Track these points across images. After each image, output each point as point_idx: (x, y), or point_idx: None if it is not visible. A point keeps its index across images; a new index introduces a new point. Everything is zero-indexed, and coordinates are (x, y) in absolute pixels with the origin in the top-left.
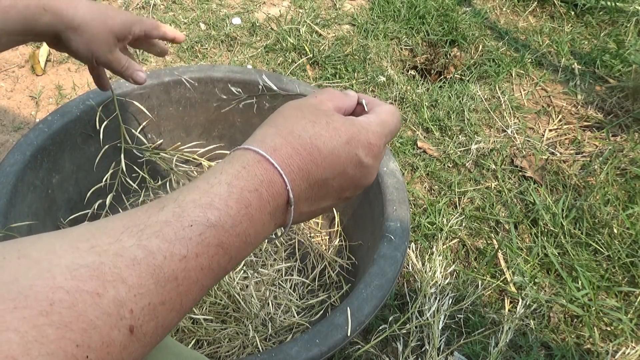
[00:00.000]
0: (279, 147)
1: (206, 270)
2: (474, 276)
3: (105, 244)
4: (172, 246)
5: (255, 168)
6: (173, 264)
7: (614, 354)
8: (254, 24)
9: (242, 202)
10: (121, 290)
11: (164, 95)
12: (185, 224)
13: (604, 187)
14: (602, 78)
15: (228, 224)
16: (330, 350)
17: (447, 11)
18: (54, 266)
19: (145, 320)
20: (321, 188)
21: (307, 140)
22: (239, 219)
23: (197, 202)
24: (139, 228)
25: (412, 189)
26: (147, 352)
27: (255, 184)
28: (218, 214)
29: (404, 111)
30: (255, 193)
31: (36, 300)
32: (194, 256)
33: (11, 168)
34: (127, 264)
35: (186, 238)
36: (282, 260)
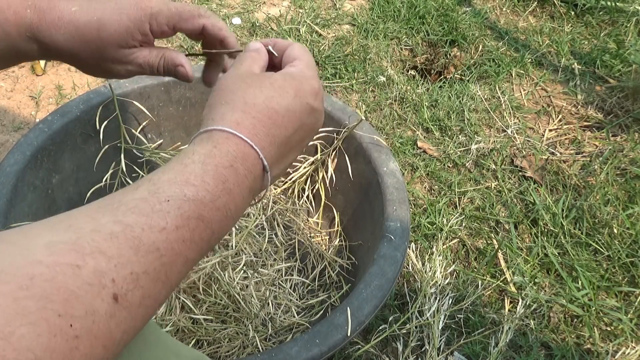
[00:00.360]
0: (241, 121)
1: (188, 242)
2: (474, 276)
3: (81, 222)
4: (150, 219)
5: (226, 145)
6: (152, 235)
7: (614, 354)
8: (254, 24)
9: (218, 178)
10: (100, 261)
11: (164, 95)
12: (161, 199)
13: (604, 187)
14: (602, 78)
15: (207, 198)
16: (330, 350)
17: (447, 11)
18: (33, 245)
19: (129, 289)
20: (286, 145)
21: (263, 105)
22: (217, 193)
23: (173, 181)
24: (114, 206)
25: (412, 189)
26: (138, 326)
27: (230, 159)
28: (195, 189)
29: (404, 111)
30: (230, 169)
31: (15, 276)
32: (173, 228)
33: (11, 168)
34: (104, 237)
35: (164, 211)
36: (282, 260)
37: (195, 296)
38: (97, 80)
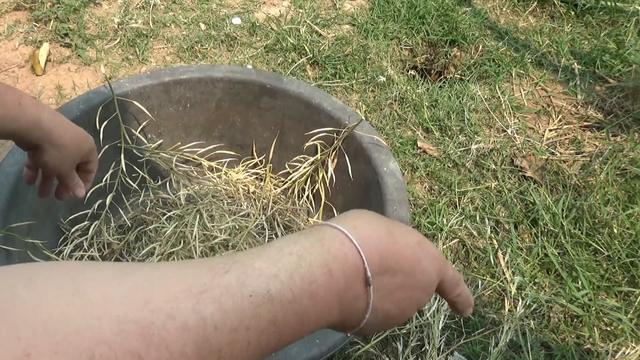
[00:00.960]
0: (359, 226)
1: (253, 345)
2: (474, 276)
3: (160, 300)
4: (226, 318)
5: (330, 242)
6: (221, 336)
7: (614, 354)
8: (254, 24)
9: (307, 278)
10: (162, 357)
11: (164, 95)
12: (245, 292)
13: (604, 187)
14: (602, 78)
15: (287, 298)
16: (330, 350)
17: (447, 11)
18: (105, 314)
19: None
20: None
21: (385, 226)
22: (301, 294)
23: (263, 271)
24: (199, 290)
25: (412, 189)
26: None
27: (327, 258)
28: (281, 286)
29: (404, 111)
30: (324, 268)
31: (78, 350)
32: (244, 329)
33: (11, 168)
34: (177, 327)
35: (242, 310)
36: None
37: None
38: (97, 80)
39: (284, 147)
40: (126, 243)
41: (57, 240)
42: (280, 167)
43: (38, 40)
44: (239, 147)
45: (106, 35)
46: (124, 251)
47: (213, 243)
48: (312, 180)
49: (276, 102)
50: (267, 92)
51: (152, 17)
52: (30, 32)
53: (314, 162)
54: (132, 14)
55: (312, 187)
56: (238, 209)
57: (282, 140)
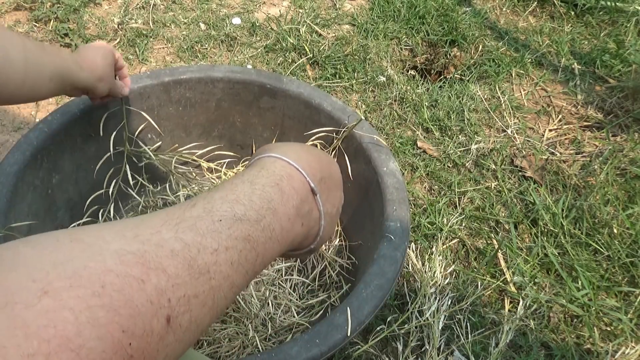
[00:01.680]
0: (287, 153)
1: (236, 265)
2: (474, 276)
3: (147, 234)
4: (204, 239)
5: (272, 166)
6: (206, 257)
7: (614, 354)
8: (254, 24)
9: (264, 197)
10: (162, 279)
11: (164, 95)
12: (215, 218)
13: (604, 187)
14: (602, 78)
15: (253, 217)
16: (330, 350)
17: (447, 11)
18: (104, 250)
19: (181, 312)
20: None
21: (302, 146)
22: (262, 212)
23: (225, 199)
24: (175, 222)
25: (412, 189)
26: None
27: (275, 179)
28: (244, 208)
29: (404, 111)
30: (276, 187)
31: (90, 281)
32: (223, 249)
33: (11, 168)
34: (167, 254)
35: (217, 232)
36: (282, 260)
37: None
38: None
39: None
40: None
41: None
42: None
43: (38, 40)
44: (239, 147)
45: (106, 35)
46: None
47: None
48: None
49: (276, 102)
50: (267, 92)
51: (152, 17)
52: (30, 32)
53: None
54: (132, 14)
55: None
56: None
57: (282, 140)
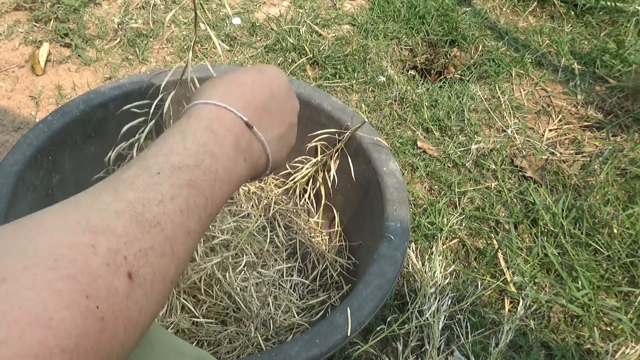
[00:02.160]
0: (213, 95)
1: (186, 212)
2: (474, 276)
3: (88, 204)
4: (146, 194)
5: (199, 113)
6: (152, 210)
7: (614, 354)
8: (254, 24)
9: (198, 142)
10: (112, 240)
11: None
12: (152, 172)
13: (604, 187)
14: (602, 78)
15: (192, 163)
16: (330, 350)
17: (447, 11)
18: (49, 228)
19: (141, 266)
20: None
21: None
22: (200, 157)
23: (158, 153)
24: (114, 185)
25: (412, 189)
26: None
27: (205, 123)
28: (180, 157)
29: (404, 111)
30: (207, 131)
31: (42, 258)
32: (169, 199)
33: (11, 168)
34: (111, 216)
35: (157, 184)
36: (283, 260)
37: (196, 297)
38: (97, 80)
39: None
40: None
41: None
42: (280, 167)
43: (38, 40)
44: None
45: (106, 35)
46: None
47: (213, 243)
48: (314, 180)
49: None
50: None
51: (152, 17)
52: (30, 32)
53: (316, 163)
54: (132, 14)
55: (313, 187)
56: (239, 209)
57: None
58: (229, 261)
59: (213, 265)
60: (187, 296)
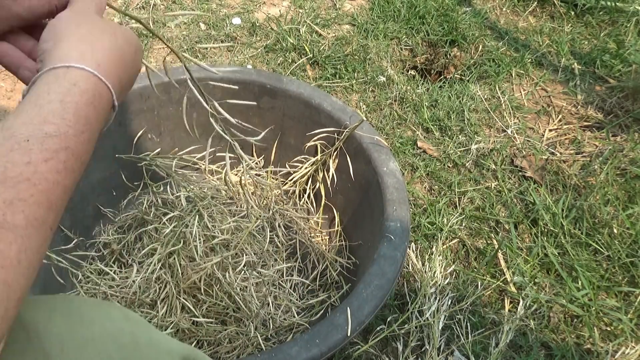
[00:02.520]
0: (101, 62)
1: (63, 172)
2: (474, 276)
3: None
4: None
5: (85, 84)
6: (18, 169)
7: (614, 354)
8: (254, 24)
9: (80, 115)
10: None
11: (164, 95)
12: (20, 140)
13: (604, 187)
14: (602, 78)
15: (70, 133)
16: (330, 350)
17: (447, 11)
18: None
19: (9, 213)
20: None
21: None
22: (80, 128)
23: (29, 122)
24: None
25: (412, 189)
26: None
27: (89, 98)
28: (56, 127)
29: (404, 111)
30: (90, 106)
31: None
32: (42, 161)
33: None
34: None
35: (25, 149)
36: (283, 260)
37: (196, 297)
38: None
39: (284, 147)
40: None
41: (57, 240)
42: (280, 168)
43: None
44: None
45: None
46: (124, 251)
47: (213, 243)
48: (313, 180)
49: (276, 102)
50: (267, 92)
51: (152, 17)
52: None
53: (315, 163)
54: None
55: (313, 187)
56: (238, 209)
57: (282, 140)
58: (229, 261)
59: (213, 265)
60: (187, 296)
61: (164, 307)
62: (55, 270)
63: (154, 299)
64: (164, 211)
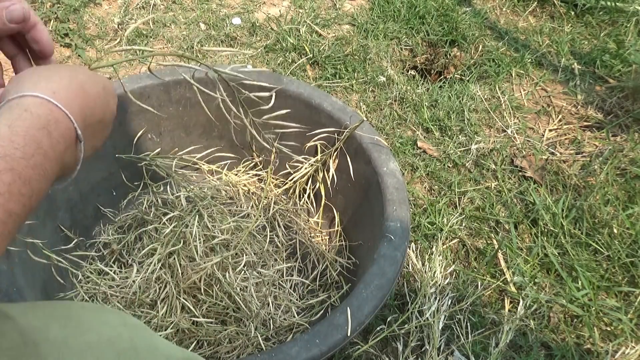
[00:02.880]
0: (57, 91)
1: (7, 195)
2: (474, 276)
3: None
4: None
5: (38, 109)
6: None
7: (614, 354)
8: (254, 24)
9: (30, 139)
10: None
11: (164, 95)
12: None
13: (604, 187)
14: (602, 78)
15: (17, 155)
16: (330, 350)
17: (447, 11)
18: None
19: None
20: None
21: (77, 86)
22: (30, 152)
23: None
24: None
25: (412, 189)
26: None
27: (42, 122)
28: (2, 149)
29: (404, 111)
30: (43, 131)
31: None
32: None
33: None
34: None
35: None
36: (283, 260)
37: (196, 297)
38: None
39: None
40: (126, 243)
41: (57, 240)
42: (280, 167)
43: None
44: (239, 147)
45: (106, 35)
46: (124, 251)
47: (213, 243)
48: (313, 180)
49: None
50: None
51: (152, 17)
52: None
53: (315, 163)
54: (132, 14)
55: (313, 187)
56: (238, 209)
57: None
58: (229, 261)
59: (213, 265)
60: (187, 296)
61: (164, 307)
62: (55, 270)
63: (154, 299)
64: (164, 211)
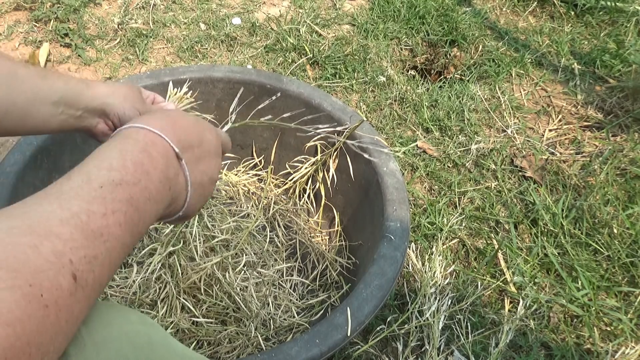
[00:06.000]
0: (150, 121)
1: (124, 226)
2: (474, 276)
3: (32, 210)
4: (91, 206)
5: (135, 135)
6: (97, 221)
7: (614, 354)
8: (254, 24)
9: (136, 162)
10: (57, 243)
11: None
12: (95, 186)
13: (604, 187)
14: (602, 78)
15: (131, 181)
16: (330, 350)
17: (447, 11)
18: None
19: (85, 270)
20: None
21: (169, 119)
22: (137, 176)
23: (99, 167)
24: (56, 195)
25: (412, 189)
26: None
27: (141, 146)
28: (120, 175)
29: (404, 111)
30: (144, 153)
31: None
32: (111, 213)
33: (11, 168)
34: (56, 223)
35: (101, 197)
36: (283, 260)
37: (196, 297)
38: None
39: (284, 147)
40: None
41: None
42: (280, 167)
43: (38, 40)
44: (239, 147)
45: (106, 35)
46: None
47: (213, 243)
48: (313, 180)
49: (276, 102)
50: (267, 92)
51: (152, 17)
52: (30, 32)
53: (315, 163)
54: (132, 14)
55: (313, 187)
56: (238, 209)
57: (282, 140)
58: (229, 261)
59: (213, 265)
60: (187, 296)
61: (164, 307)
62: None
63: (154, 299)
64: None
